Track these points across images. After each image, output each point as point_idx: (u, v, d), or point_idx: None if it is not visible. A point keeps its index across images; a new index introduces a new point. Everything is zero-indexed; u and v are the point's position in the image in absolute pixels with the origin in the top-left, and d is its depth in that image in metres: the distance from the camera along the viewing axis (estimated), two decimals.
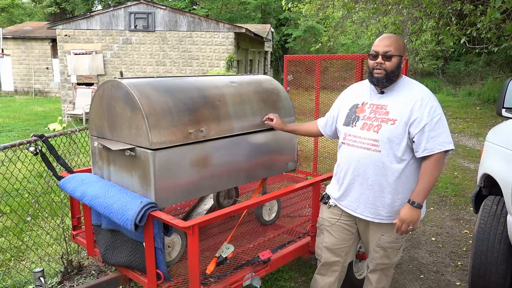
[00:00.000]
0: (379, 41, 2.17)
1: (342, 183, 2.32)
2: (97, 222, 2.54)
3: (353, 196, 2.28)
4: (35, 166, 3.12)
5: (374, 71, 2.16)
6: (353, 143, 2.24)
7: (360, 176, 2.21)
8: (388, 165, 2.13)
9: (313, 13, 10.43)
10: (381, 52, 2.13)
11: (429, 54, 21.05)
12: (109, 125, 2.45)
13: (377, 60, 2.14)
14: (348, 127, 2.29)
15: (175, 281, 2.30)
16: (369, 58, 2.20)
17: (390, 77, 2.15)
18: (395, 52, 2.12)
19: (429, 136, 2.05)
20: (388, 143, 2.11)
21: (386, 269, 2.40)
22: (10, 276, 3.25)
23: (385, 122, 2.14)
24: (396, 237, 2.26)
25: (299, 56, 4.00)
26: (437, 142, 2.05)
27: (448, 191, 5.60)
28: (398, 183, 2.15)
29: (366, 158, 2.17)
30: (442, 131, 2.07)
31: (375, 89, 2.26)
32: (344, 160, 2.30)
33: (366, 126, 2.19)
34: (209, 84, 2.65)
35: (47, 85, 20.66)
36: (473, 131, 10.34)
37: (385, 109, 2.17)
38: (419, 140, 2.07)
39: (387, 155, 2.12)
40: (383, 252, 2.31)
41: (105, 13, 13.41)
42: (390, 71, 2.14)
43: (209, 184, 2.50)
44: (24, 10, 34.91)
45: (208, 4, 30.67)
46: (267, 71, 23.90)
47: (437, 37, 9.38)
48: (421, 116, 2.07)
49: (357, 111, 2.28)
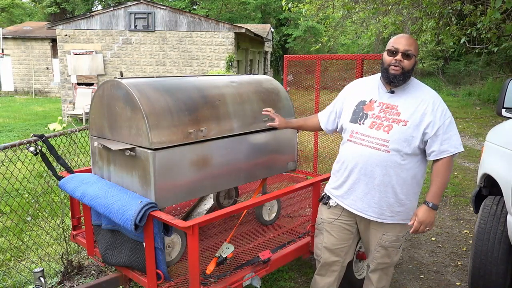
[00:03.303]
0: (400, 39, 2.14)
1: (346, 181, 2.29)
2: (97, 222, 2.54)
3: (357, 195, 2.25)
4: (35, 166, 3.12)
5: (390, 68, 2.13)
6: (361, 141, 2.21)
7: (367, 175, 2.19)
8: (396, 166, 2.14)
9: (313, 13, 10.42)
10: (402, 50, 2.11)
11: (429, 54, 21.05)
12: (109, 125, 2.45)
13: (397, 57, 2.12)
14: (355, 124, 2.25)
15: (175, 281, 2.30)
16: (387, 54, 2.16)
17: (406, 76, 2.15)
18: (415, 52, 2.13)
19: (442, 139, 2.09)
20: (398, 144, 2.11)
21: (386, 269, 2.40)
22: (10, 276, 3.25)
23: (397, 123, 2.13)
24: (397, 236, 2.28)
25: (299, 56, 4.00)
26: (450, 144, 2.10)
27: (448, 191, 5.60)
28: (404, 185, 2.17)
29: (375, 158, 2.15)
30: (454, 133, 2.12)
31: (384, 88, 2.23)
32: (350, 158, 2.26)
33: (376, 125, 2.17)
34: (209, 84, 2.65)
35: (47, 85, 20.66)
36: (473, 131, 10.34)
37: (396, 109, 2.16)
38: (432, 143, 2.10)
39: (396, 156, 2.12)
40: (384, 251, 2.31)
41: (105, 13, 13.41)
42: (407, 70, 2.13)
43: (209, 184, 2.50)
44: (24, 10, 34.91)
45: (208, 4, 30.67)
46: (267, 71, 23.90)
47: (437, 37, 9.38)
48: (434, 119, 2.10)
49: (364, 108, 2.25)
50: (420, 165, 2.19)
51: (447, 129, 2.10)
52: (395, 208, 2.20)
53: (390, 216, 2.22)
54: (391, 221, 2.23)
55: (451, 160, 2.13)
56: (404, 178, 2.16)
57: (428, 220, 2.12)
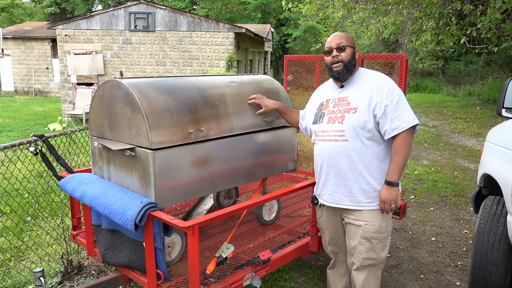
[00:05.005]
0: (331, 38, 2.32)
1: (320, 178, 2.41)
2: (97, 222, 2.54)
3: (331, 188, 2.34)
4: (35, 166, 3.12)
5: (333, 66, 2.28)
6: (322, 138, 2.34)
7: (333, 167, 2.29)
8: (357, 152, 2.21)
9: (313, 13, 10.43)
10: (335, 46, 2.27)
11: (429, 54, 21.05)
12: (109, 125, 2.45)
13: (333, 53, 2.27)
14: (316, 124, 2.40)
15: (175, 281, 2.30)
16: (325, 56, 2.33)
17: (349, 68, 2.26)
18: (348, 43, 2.26)
19: (392, 117, 2.14)
20: (353, 131, 2.20)
21: (374, 267, 2.35)
22: (10, 276, 3.25)
23: (347, 112, 2.24)
24: (380, 225, 2.26)
25: (299, 56, 4.00)
26: (401, 120, 2.13)
27: (448, 191, 5.60)
28: (372, 168, 2.22)
29: (335, 149, 2.26)
30: (404, 109, 2.16)
31: (335, 85, 2.38)
32: (317, 156, 2.40)
33: (331, 120, 2.30)
34: (209, 84, 2.65)
35: (47, 85, 20.67)
36: (473, 131, 10.34)
37: (346, 100, 2.28)
38: (384, 122, 2.16)
39: (355, 142, 2.20)
40: (368, 244, 2.29)
41: (105, 13, 13.41)
42: (347, 62, 2.25)
43: (209, 184, 2.50)
44: (24, 10, 34.91)
45: (208, 4, 30.67)
46: (267, 71, 23.90)
47: (437, 37, 9.39)
48: (380, 99, 2.16)
49: (322, 108, 2.40)
50: (384, 145, 2.23)
51: (396, 106, 2.14)
52: (371, 193, 2.24)
53: (368, 202, 2.25)
54: (371, 207, 2.24)
55: (408, 136, 2.14)
56: (369, 162, 2.21)
57: (390, 198, 2.16)
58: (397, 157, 2.16)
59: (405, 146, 2.14)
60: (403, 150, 2.14)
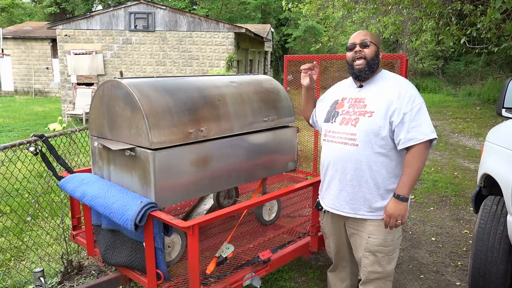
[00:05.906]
0: (354, 35, 2.21)
1: (324, 181, 2.31)
2: (97, 222, 2.54)
3: (333, 193, 2.24)
4: (35, 166, 3.12)
5: (355, 63, 2.16)
6: (332, 139, 2.22)
7: (339, 172, 2.17)
8: (366, 159, 2.08)
9: (313, 13, 10.44)
10: (358, 42, 2.15)
11: (429, 54, 21.05)
12: (109, 125, 2.45)
13: (356, 49, 2.15)
14: (328, 123, 2.28)
15: (175, 281, 2.30)
16: (347, 52, 2.22)
17: (371, 66, 2.14)
18: (372, 40, 2.15)
19: (409, 127, 2.00)
20: (365, 137, 2.07)
21: (381, 281, 2.22)
22: (10, 276, 3.24)
23: (363, 115, 2.10)
24: (384, 239, 2.15)
25: (299, 56, 4.00)
26: (418, 132, 1.99)
27: (448, 191, 5.60)
28: (379, 178, 2.09)
29: (344, 153, 2.14)
30: (424, 121, 2.01)
31: (354, 83, 2.26)
32: (324, 157, 2.28)
33: (345, 121, 2.17)
34: (209, 84, 2.65)
35: (47, 85, 20.66)
36: (473, 131, 10.34)
37: (363, 102, 2.15)
38: (399, 131, 2.02)
39: (365, 148, 2.07)
40: (373, 257, 2.18)
41: (105, 13, 13.40)
42: (370, 59, 2.13)
43: (209, 184, 2.50)
44: (24, 10, 34.91)
45: (208, 4, 30.66)
46: (267, 71, 23.90)
47: (437, 37, 9.39)
48: (400, 106, 2.02)
49: (336, 107, 2.27)
50: (396, 156, 2.09)
51: (415, 116, 2.00)
52: (373, 203, 2.11)
53: (369, 212, 2.13)
54: (372, 217, 2.13)
55: (423, 150, 2.00)
56: (377, 171, 2.08)
57: (397, 213, 2.03)
58: (409, 170, 2.01)
59: (419, 160, 2.00)
60: (416, 163, 2.00)
